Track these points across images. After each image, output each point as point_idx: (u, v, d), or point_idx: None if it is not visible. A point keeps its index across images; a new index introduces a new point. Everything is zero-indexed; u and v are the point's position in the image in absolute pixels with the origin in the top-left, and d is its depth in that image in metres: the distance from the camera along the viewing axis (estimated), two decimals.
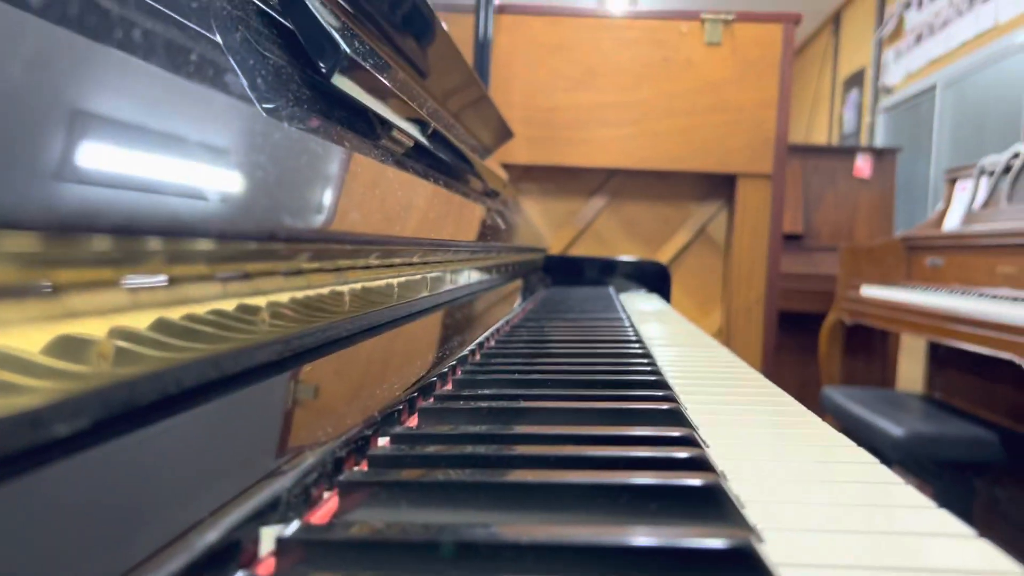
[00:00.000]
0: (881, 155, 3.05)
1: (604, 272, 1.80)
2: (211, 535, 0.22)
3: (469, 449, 0.35)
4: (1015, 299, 1.71)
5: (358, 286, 0.41)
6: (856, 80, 5.24)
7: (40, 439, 0.18)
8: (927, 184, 4.16)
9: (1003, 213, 2.18)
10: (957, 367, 2.28)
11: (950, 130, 3.98)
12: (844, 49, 5.58)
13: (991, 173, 2.36)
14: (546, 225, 2.31)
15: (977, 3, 3.64)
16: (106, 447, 0.20)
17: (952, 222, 2.51)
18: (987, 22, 3.53)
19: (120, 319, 0.20)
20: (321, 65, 0.41)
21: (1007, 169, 2.27)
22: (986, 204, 2.33)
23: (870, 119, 4.90)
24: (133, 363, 0.21)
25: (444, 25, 0.86)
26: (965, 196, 2.50)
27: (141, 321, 0.21)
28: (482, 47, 2.09)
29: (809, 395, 2.76)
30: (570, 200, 2.32)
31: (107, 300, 0.20)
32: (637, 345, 0.73)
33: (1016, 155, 2.25)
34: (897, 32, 4.57)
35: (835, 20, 5.72)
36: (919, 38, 4.25)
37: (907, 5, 4.41)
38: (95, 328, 0.19)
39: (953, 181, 2.63)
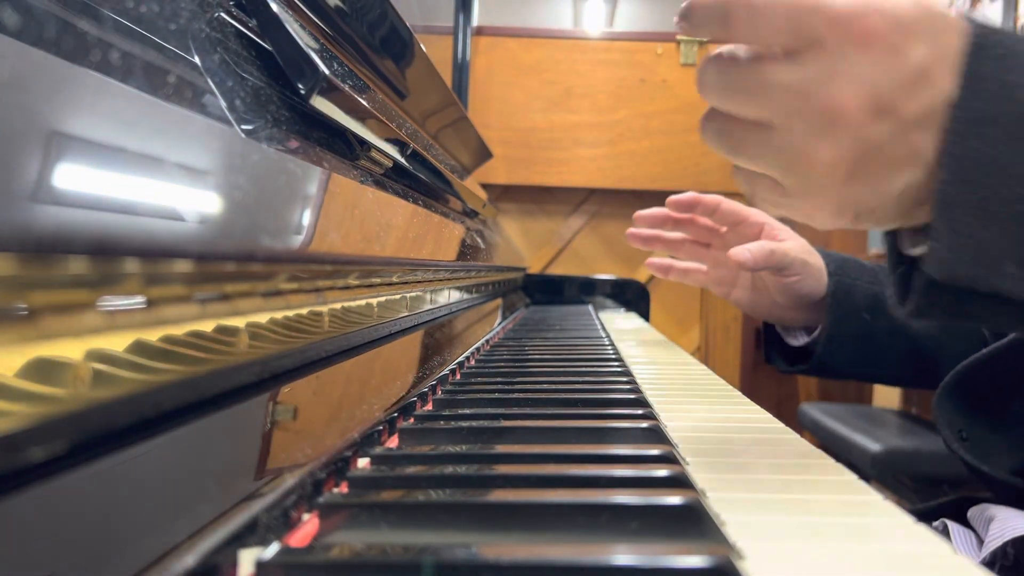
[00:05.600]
0: None
1: (583, 291, 1.81)
2: (189, 559, 0.22)
3: (450, 469, 0.35)
4: None
5: (337, 306, 0.41)
6: None
7: (15, 464, 0.18)
8: None
9: None
10: None
11: None
12: None
13: None
14: (526, 244, 2.32)
15: None
16: (82, 471, 0.20)
17: None
18: None
19: (97, 341, 0.20)
20: (300, 86, 0.42)
21: None
22: None
23: None
24: (110, 385, 0.21)
25: (423, 47, 0.86)
26: None
27: (118, 343, 0.21)
28: (461, 68, 2.10)
29: (787, 411, 2.77)
30: (549, 219, 2.33)
31: (83, 322, 0.20)
32: (616, 363, 0.73)
33: None
34: None
35: None
36: None
37: None
38: (71, 350, 0.19)
39: None
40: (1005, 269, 0.34)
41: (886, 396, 2.61)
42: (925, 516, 0.71)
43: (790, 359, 0.92)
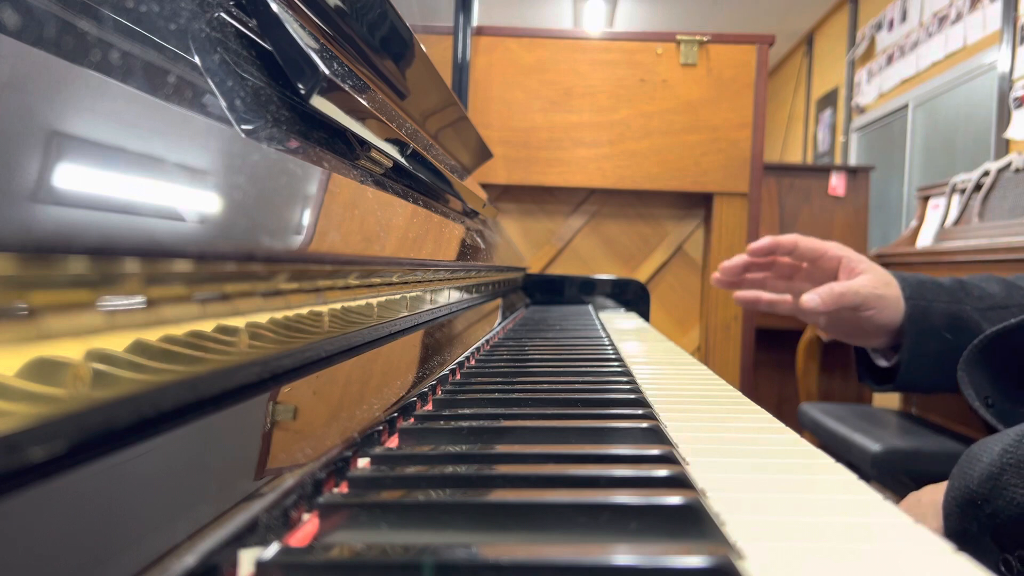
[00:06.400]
0: (855, 173, 3.09)
1: (583, 291, 1.81)
2: (189, 559, 0.22)
3: (450, 469, 0.35)
4: None
5: (337, 306, 0.41)
6: (829, 100, 5.32)
7: (15, 464, 0.18)
8: (900, 202, 4.22)
9: (975, 230, 2.21)
10: None
11: (922, 149, 4.05)
12: (817, 70, 5.67)
13: (962, 191, 2.40)
14: (526, 244, 2.32)
15: (946, 25, 3.71)
16: (82, 471, 0.20)
17: (925, 239, 2.54)
18: (956, 43, 3.61)
19: (96, 341, 0.20)
20: (300, 86, 0.42)
21: (978, 187, 2.32)
22: (958, 221, 2.37)
23: (844, 138, 4.98)
24: (110, 386, 0.21)
25: (423, 47, 0.86)
26: (937, 214, 2.54)
27: (118, 343, 0.21)
28: (461, 68, 2.10)
29: (787, 411, 2.77)
30: (549, 219, 2.33)
31: (83, 322, 0.20)
32: (616, 363, 0.73)
33: (986, 173, 2.29)
34: (869, 53, 4.65)
35: (808, 41, 5.82)
36: (890, 59, 4.33)
37: (878, 27, 4.49)
38: (71, 350, 0.19)
39: (925, 199, 2.67)
40: None
41: (886, 396, 2.61)
42: None
43: (878, 378, 0.94)
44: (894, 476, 1.74)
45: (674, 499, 0.29)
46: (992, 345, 0.76)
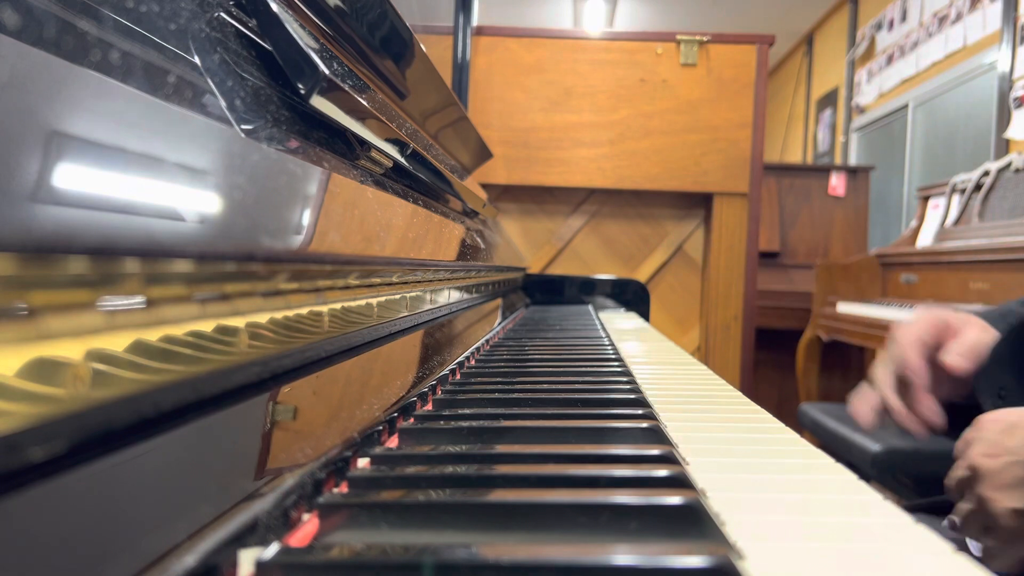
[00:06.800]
0: (855, 173, 3.09)
1: (583, 291, 1.81)
2: (189, 559, 0.22)
3: (450, 469, 0.35)
4: None
5: (337, 306, 0.41)
6: (829, 100, 5.32)
7: (15, 463, 0.18)
8: (900, 201, 4.22)
9: (975, 230, 2.21)
10: None
11: (922, 149, 4.05)
12: (817, 69, 5.66)
13: (962, 191, 2.40)
14: (525, 244, 2.32)
15: (946, 25, 3.71)
16: (82, 471, 0.20)
17: (925, 239, 2.54)
18: (956, 43, 3.60)
19: (97, 341, 0.20)
20: (300, 86, 0.42)
21: (978, 187, 2.31)
22: (958, 221, 2.37)
23: (844, 138, 4.97)
24: (110, 386, 0.21)
25: (423, 47, 0.86)
26: (938, 213, 2.53)
27: (118, 343, 0.21)
28: (461, 68, 2.10)
29: (787, 411, 2.77)
30: (549, 219, 2.33)
31: (84, 322, 0.20)
32: (616, 363, 0.73)
33: (986, 173, 2.29)
34: (869, 53, 4.64)
35: (808, 41, 5.81)
36: (890, 59, 4.33)
37: (878, 26, 4.49)
38: (71, 350, 0.19)
39: (926, 199, 2.67)
40: None
41: None
42: (927, 511, 0.72)
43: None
44: (894, 476, 1.74)
45: (674, 499, 0.29)
46: (1018, 337, 0.74)
